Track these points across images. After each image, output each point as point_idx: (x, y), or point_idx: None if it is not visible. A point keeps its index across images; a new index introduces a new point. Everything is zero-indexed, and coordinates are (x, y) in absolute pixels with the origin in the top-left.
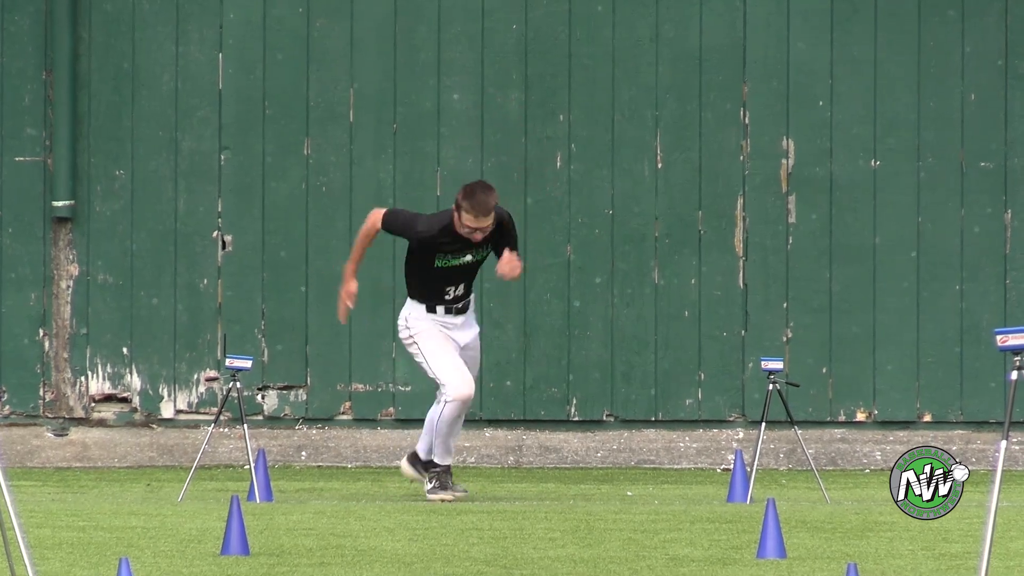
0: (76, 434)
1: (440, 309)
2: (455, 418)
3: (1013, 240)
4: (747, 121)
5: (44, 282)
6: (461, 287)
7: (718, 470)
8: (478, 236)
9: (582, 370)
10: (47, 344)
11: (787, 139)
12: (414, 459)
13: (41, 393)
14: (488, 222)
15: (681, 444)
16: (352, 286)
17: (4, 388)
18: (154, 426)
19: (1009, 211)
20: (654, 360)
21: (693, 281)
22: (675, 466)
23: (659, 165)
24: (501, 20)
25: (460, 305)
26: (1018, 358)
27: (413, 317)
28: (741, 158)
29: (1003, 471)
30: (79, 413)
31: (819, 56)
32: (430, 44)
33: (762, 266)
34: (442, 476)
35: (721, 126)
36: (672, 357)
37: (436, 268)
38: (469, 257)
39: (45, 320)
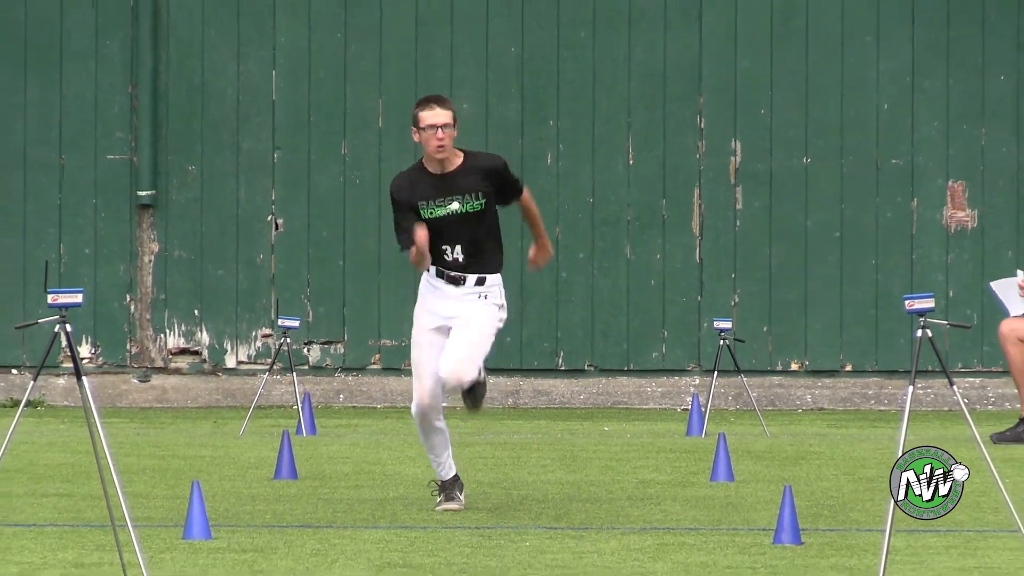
0: (156, 381)
1: (433, 270)
2: (421, 427)
3: (918, 223)
4: (702, 126)
5: (130, 257)
6: (459, 249)
7: (678, 410)
8: (440, 136)
9: (568, 328)
10: (133, 307)
11: (735, 140)
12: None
13: (128, 347)
14: (445, 116)
15: (648, 389)
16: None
17: (98, 343)
18: (220, 374)
19: (915, 199)
20: (626, 320)
21: (658, 256)
22: (643, 407)
23: (631, 162)
24: (502, 44)
25: (454, 274)
26: (922, 319)
27: (419, 293)
28: (697, 156)
29: (910, 411)
30: (159, 363)
31: (761, 72)
32: (444, 64)
33: (714, 244)
34: (448, 488)
35: (681, 130)
36: (641, 318)
37: (425, 220)
38: (456, 205)
39: (131, 288)
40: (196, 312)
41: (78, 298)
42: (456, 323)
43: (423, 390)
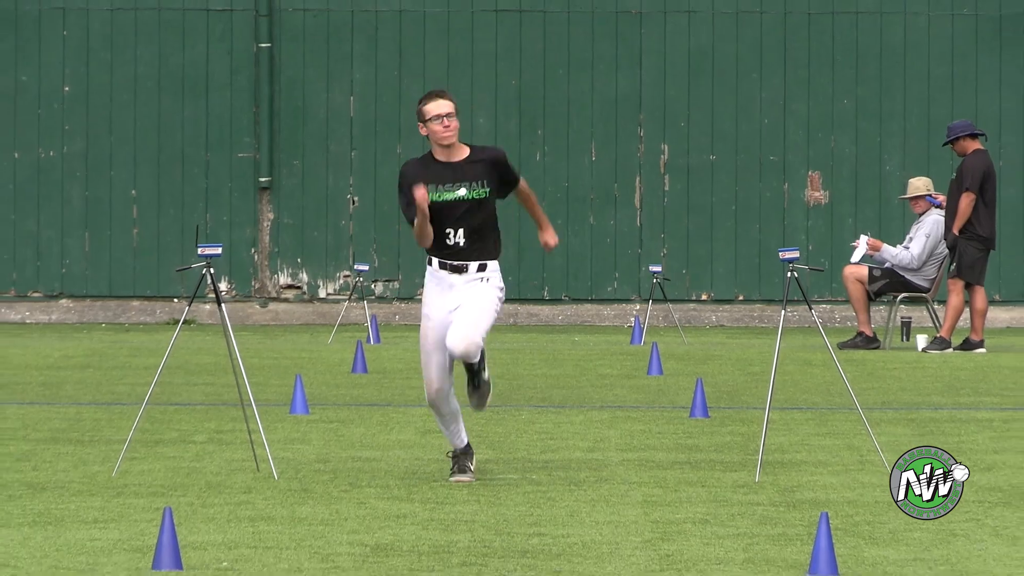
0: (272, 307)
1: (435, 261)
2: (434, 410)
3: (788, 200)
4: (641, 134)
5: (254, 223)
6: (461, 233)
7: (625, 326)
8: (447, 124)
9: (551, 271)
10: (256, 257)
11: (664, 144)
12: (453, 457)
13: (252, 284)
14: (449, 107)
15: (605, 312)
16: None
17: (232, 280)
18: (315, 302)
19: (786, 184)
20: (590, 266)
21: (612, 222)
22: (602, 324)
23: (593, 158)
24: (506, 79)
25: (457, 263)
26: (791, 265)
27: (425, 278)
28: (638, 155)
29: (783, 327)
30: (273, 295)
31: (681, 97)
32: (467, 92)
33: (649, 215)
34: (460, 459)
35: (626, 137)
36: (600, 264)
37: (433, 202)
38: (463, 191)
39: (255, 243)
40: (299, 260)
41: (218, 251)
42: (460, 304)
43: (431, 382)
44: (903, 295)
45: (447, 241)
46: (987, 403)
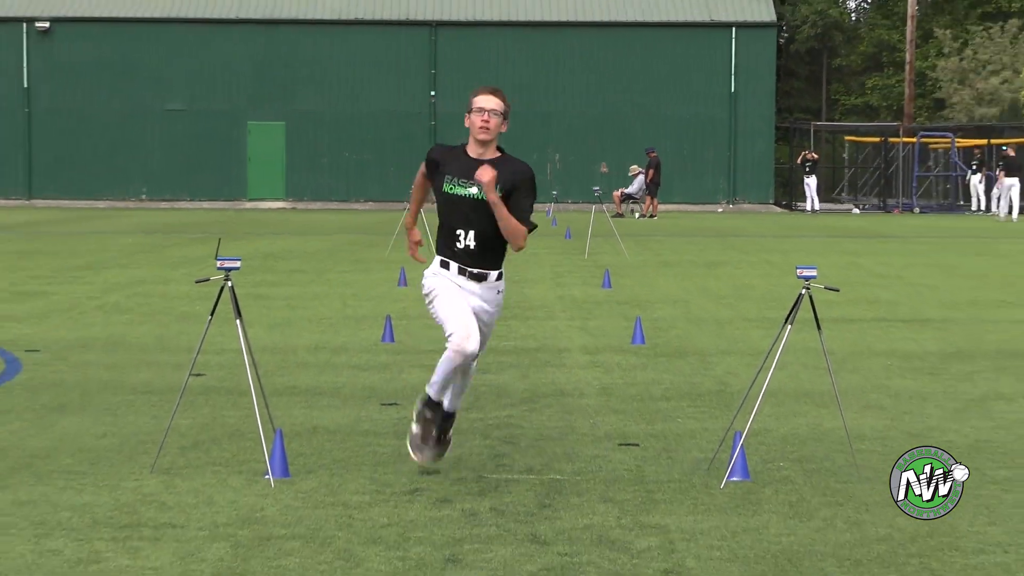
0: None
1: (453, 267)
2: (454, 369)
3: (598, 172)
4: (555, 155)
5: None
6: (471, 235)
7: (548, 216)
8: (487, 119)
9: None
10: None
11: (556, 154)
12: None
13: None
14: (494, 103)
15: (541, 210)
16: (414, 235)
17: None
18: None
19: (603, 165)
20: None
21: (547, 178)
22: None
23: (534, 157)
24: (511, 114)
25: (475, 271)
26: (596, 191)
27: (430, 272)
28: (552, 164)
29: (593, 214)
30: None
31: (569, 134)
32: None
33: (562, 178)
34: (427, 423)
35: (542, 153)
36: (540, 196)
37: (445, 193)
38: (475, 190)
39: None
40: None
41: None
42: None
43: (462, 333)
44: (632, 200)
45: (457, 244)
46: (660, 233)
